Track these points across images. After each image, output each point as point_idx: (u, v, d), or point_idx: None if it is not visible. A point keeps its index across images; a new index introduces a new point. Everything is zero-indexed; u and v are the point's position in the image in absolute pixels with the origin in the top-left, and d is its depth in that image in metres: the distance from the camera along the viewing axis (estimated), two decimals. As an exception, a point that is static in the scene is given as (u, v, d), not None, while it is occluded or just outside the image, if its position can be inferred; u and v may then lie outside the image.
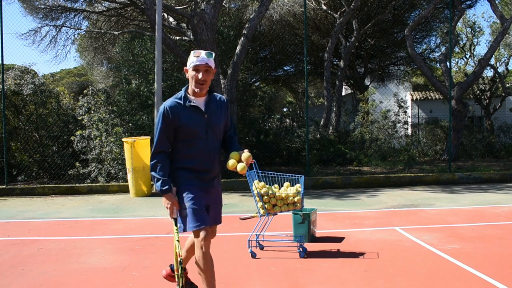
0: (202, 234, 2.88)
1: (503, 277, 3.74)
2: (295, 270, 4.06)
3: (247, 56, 13.81)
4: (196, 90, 2.94)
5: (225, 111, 3.11)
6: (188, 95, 3.00)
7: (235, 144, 3.16)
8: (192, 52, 2.97)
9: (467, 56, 21.98)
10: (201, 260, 2.89)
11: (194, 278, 3.42)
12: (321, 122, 14.53)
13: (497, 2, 13.95)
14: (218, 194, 3.16)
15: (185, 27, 11.56)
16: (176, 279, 3.00)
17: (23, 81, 11.19)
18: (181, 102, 2.96)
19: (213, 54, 2.99)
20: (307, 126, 10.78)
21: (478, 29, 20.82)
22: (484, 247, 4.67)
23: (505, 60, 21.88)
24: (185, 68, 3.01)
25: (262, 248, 4.76)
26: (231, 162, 2.96)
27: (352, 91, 19.59)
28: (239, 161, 2.99)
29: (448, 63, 12.98)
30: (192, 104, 2.96)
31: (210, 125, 2.99)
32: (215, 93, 3.12)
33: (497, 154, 14.14)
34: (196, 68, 2.92)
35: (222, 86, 10.50)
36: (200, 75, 2.91)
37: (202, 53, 2.94)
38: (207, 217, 2.95)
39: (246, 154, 3.00)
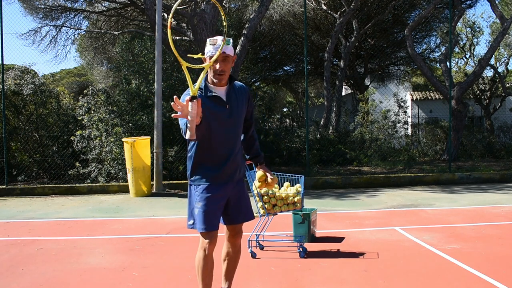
0: (208, 237, 2.82)
1: (503, 277, 3.74)
2: (295, 270, 4.06)
3: (247, 56, 13.83)
4: (215, 81, 2.79)
5: (247, 100, 2.95)
6: (208, 85, 2.83)
7: (254, 142, 3.15)
8: (208, 39, 2.77)
9: (467, 56, 21.99)
10: (201, 261, 2.86)
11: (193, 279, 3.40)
12: (321, 122, 14.52)
13: (497, 2, 13.94)
14: (240, 188, 3.00)
15: (185, 27, 11.56)
16: None
17: (23, 81, 11.18)
18: (203, 92, 2.80)
19: (231, 40, 2.78)
20: (307, 126, 10.77)
21: (478, 29, 20.83)
22: (484, 247, 4.67)
23: (505, 60, 21.91)
24: (202, 56, 2.80)
25: (262, 248, 4.76)
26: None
27: (352, 91, 19.58)
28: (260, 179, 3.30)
29: (448, 63, 12.98)
30: (213, 94, 2.80)
31: (232, 116, 2.84)
32: (236, 82, 2.95)
33: (497, 154, 14.13)
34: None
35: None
36: (217, 66, 2.73)
37: (219, 41, 2.70)
38: (218, 221, 2.86)
39: (259, 173, 3.29)
